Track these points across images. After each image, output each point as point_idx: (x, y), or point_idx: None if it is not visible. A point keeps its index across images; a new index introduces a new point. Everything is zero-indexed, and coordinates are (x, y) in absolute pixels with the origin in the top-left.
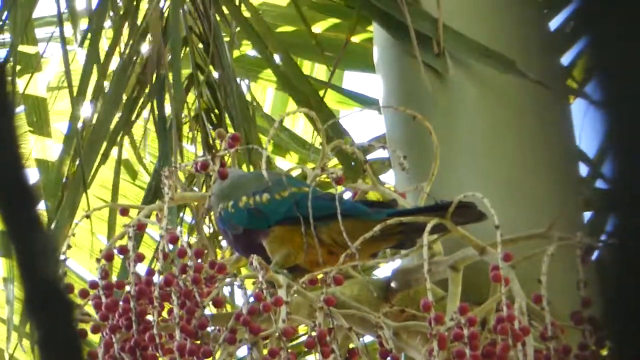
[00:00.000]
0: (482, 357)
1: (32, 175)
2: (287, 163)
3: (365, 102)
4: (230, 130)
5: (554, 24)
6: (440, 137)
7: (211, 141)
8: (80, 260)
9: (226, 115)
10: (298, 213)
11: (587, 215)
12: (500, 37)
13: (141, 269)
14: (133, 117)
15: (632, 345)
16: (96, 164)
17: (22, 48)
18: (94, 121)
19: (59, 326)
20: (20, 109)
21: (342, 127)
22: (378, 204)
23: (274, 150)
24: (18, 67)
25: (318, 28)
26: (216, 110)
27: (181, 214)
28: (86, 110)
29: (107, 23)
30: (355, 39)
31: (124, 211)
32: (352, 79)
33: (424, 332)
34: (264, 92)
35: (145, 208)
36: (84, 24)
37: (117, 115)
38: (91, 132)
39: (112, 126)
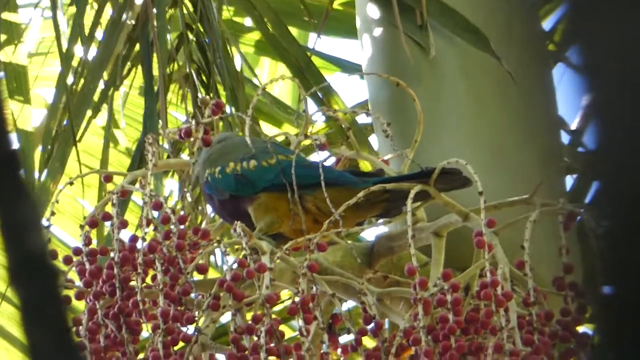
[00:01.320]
0: (465, 323)
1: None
2: (273, 129)
3: (347, 67)
4: (220, 89)
5: None
6: (423, 104)
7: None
8: (65, 226)
9: (217, 76)
10: (284, 180)
11: (569, 181)
12: (483, 2)
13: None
14: (124, 73)
15: (615, 310)
16: (87, 118)
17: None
18: (81, 81)
19: (45, 296)
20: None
21: (333, 90)
22: (365, 173)
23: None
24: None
25: None
26: (206, 69)
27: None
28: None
29: None
30: (335, 3)
31: (107, 178)
32: (331, 43)
33: (408, 298)
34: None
35: (128, 174)
36: None
37: (103, 80)
38: (81, 87)
39: (99, 87)
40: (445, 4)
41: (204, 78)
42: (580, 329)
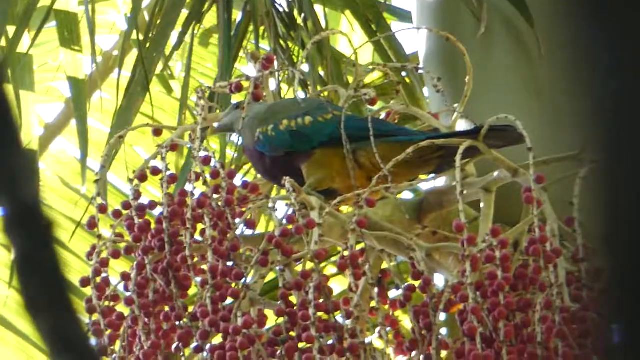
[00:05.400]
0: (514, 279)
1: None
2: None
3: (404, 16)
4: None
5: None
6: (474, 59)
7: (282, 40)
8: (120, 174)
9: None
10: (342, 132)
11: None
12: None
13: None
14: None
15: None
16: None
17: None
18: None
19: (38, 246)
20: (51, 24)
21: (396, 40)
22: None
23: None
24: None
25: None
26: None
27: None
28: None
29: None
30: None
31: (157, 131)
32: None
33: (456, 254)
34: None
35: (178, 128)
36: None
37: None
38: (156, 27)
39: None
40: None
41: (284, 18)
42: None
